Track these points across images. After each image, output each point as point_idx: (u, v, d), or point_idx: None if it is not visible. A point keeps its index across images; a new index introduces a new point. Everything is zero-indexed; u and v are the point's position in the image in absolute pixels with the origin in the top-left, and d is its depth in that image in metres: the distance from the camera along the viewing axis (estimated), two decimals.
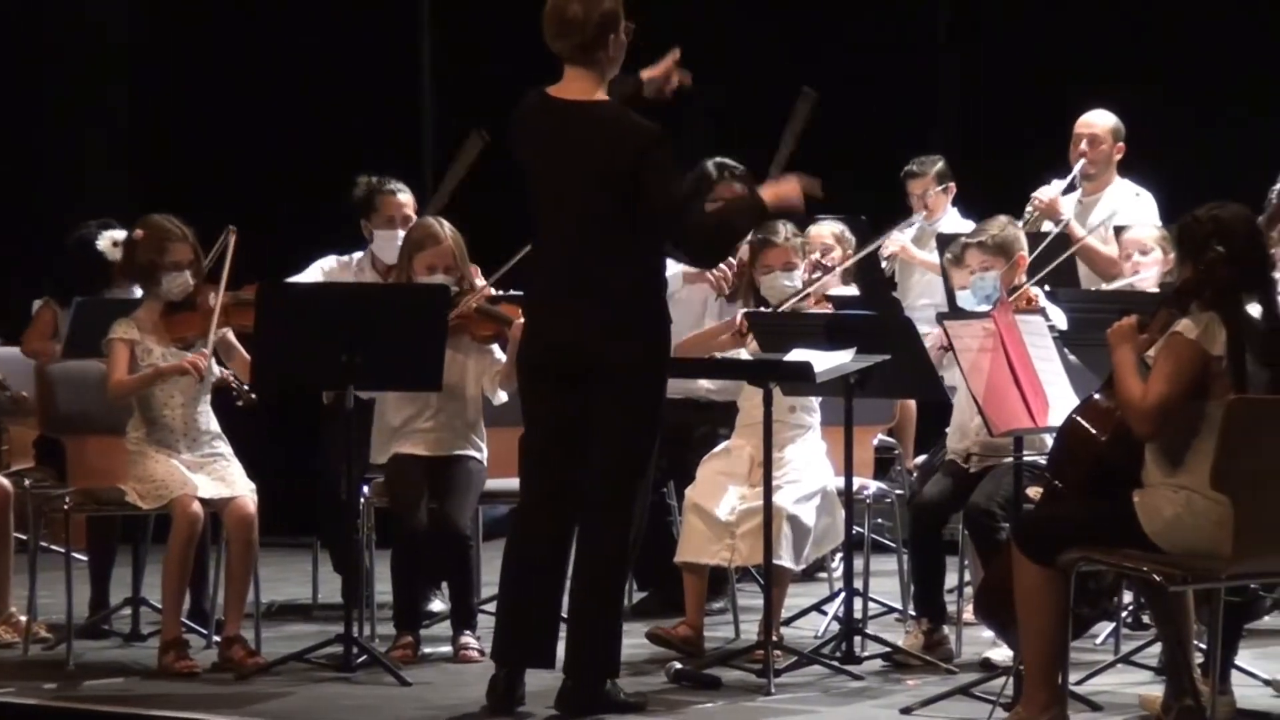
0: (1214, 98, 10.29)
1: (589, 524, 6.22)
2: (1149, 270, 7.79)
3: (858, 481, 7.19)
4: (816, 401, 7.31)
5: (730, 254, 7.10)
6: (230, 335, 7.15)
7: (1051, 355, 6.52)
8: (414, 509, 7.16)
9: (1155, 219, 8.69)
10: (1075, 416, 5.87)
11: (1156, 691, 6.05)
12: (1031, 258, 7.38)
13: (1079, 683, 6.28)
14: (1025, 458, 6.51)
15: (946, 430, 7.24)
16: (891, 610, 7.69)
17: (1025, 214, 8.50)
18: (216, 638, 7.16)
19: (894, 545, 8.04)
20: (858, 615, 7.09)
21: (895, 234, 9.38)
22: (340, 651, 6.88)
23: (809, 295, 7.48)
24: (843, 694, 6.57)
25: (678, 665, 6.75)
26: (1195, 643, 5.98)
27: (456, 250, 7.36)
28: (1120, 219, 8.57)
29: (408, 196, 8.13)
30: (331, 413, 7.75)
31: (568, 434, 6.24)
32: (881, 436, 8.02)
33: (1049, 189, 8.76)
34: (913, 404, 8.04)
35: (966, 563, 7.27)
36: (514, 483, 7.39)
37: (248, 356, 7.03)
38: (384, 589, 7.47)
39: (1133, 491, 5.69)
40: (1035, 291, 7.24)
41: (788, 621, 7.39)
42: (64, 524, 7.34)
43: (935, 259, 8.92)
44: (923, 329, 7.12)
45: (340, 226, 8.26)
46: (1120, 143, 8.89)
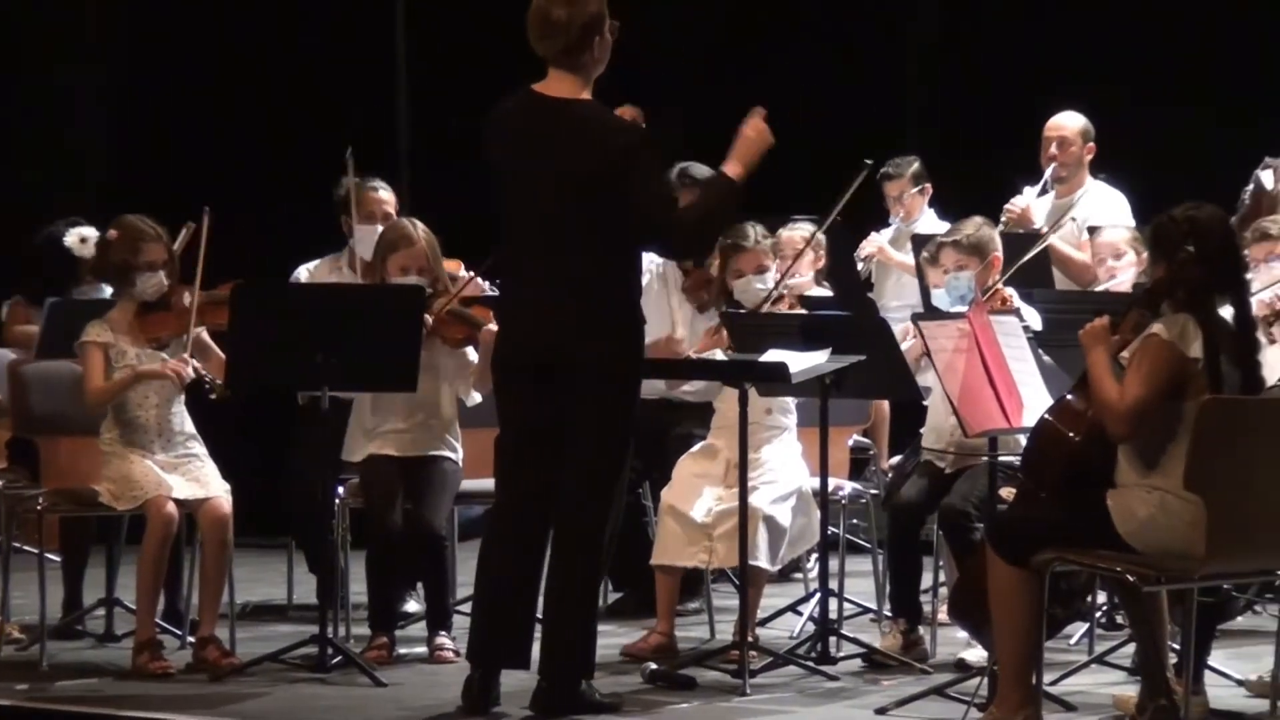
0: (1185, 98, 10.31)
1: (564, 524, 6.22)
2: (1125, 274, 7.81)
3: (833, 482, 7.19)
4: (792, 402, 7.31)
5: (714, 244, 7.08)
6: (205, 335, 7.14)
7: (1026, 356, 6.53)
8: (389, 510, 7.15)
9: (1128, 219, 8.72)
10: (1048, 417, 5.88)
11: (1130, 691, 6.07)
12: (1015, 268, 7.38)
13: (1053, 683, 6.29)
14: (1000, 458, 6.52)
15: (921, 431, 7.25)
16: (867, 611, 7.70)
17: (1000, 223, 8.50)
18: (191, 638, 7.14)
19: (869, 546, 8.05)
20: (833, 616, 7.09)
21: (874, 235, 9.40)
22: (315, 652, 6.87)
23: (783, 297, 7.48)
24: (818, 694, 6.57)
25: (653, 666, 6.76)
26: (1169, 643, 6.00)
27: (430, 252, 7.35)
28: (1094, 220, 8.59)
29: (388, 194, 8.14)
30: (306, 413, 7.74)
31: (543, 435, 6.24)
32: (856, 437, 8.03)
33: (1021, 198, 8.77)
34: (887, 405, 8.05)
35: (941, 563, 7.28)
36: (489, 483, 7.40)
37: (223, 356, 7.02)
38: (359, 589, 7.46)
39: (1106, 492, 5.71)
40: (1009, 292, 7.25)
41: (763, 622, 7.40)
42: (37, 525, 7.32)
43: (911, 260, 8.93)
44: (897, 329, 7.13)
45: (321, 226, 8.25)
46: (1090, 144, 8.91)
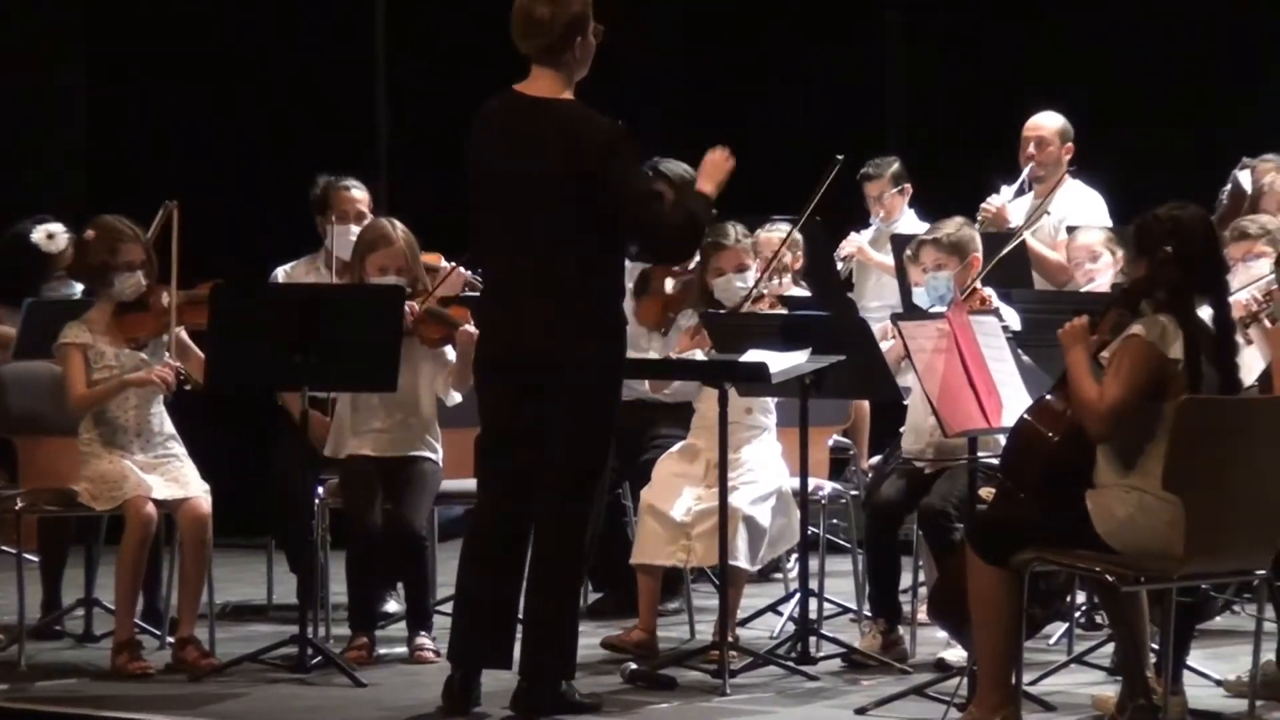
0: (1165, 99, 10.34)
1: (544, 525, 6.22)
2: (1103, 276, 7.82)
3: (813, 482, 7.20)
4: (772, 402, 7.32)
5: (697, 249, 7.09)
6: (184, 334, 7.13)
7: (1005, 356, 6.54)
8: (369, 510, 7.14)
9: (1105, 219, 8.73)
10: (1027, 417, 5.89)
11: (1109, 691, 6.08)
12: (990, 266, 7.39)
13: (1032, 683, 6.30)
14: (979, 458, 6.53)
15: (901, 431, 7.26)
16: (847, 611, 7.70)
17: (976, 222, 8.51)
18: (170, 638, 7.13)
19: (849, 546, 8.06)
20: (813, 616, 7.09)
21: (854, 235, 9.41)
22: (295, 652, 6.86)
23: (763, 296, 7.49)
24: (798, 694, 6.58)
25: (633, 666, 6.76)
26: (1148, 643, 6.01)
27: (409, 251, 7.34)
28: (1071, 220, 8.60)
29: (362, 193, 8.13)
30: (286, 413, 7.73)
31: (525, 435, 6.24)
32: (836, 437, 8.03)
33: (997, 197, 8.79)
34: (867, 405, 8.05)
35: (921, 563, 7.29)
36: (469, 484, 7.41)
37: (203, 355, 7.01)
38: (339, 590, 7.45)
39: (1085, 492, 5.72)
40: (988, 292, 7.26)
41: (743, 622, 7.40)
42: (15, 525, 7.30)
43: (891, 261, 8.94)
44: (877, 330, 7.14)
45: (297, 227, 8.25)
46: (1069, 144, 8.92)
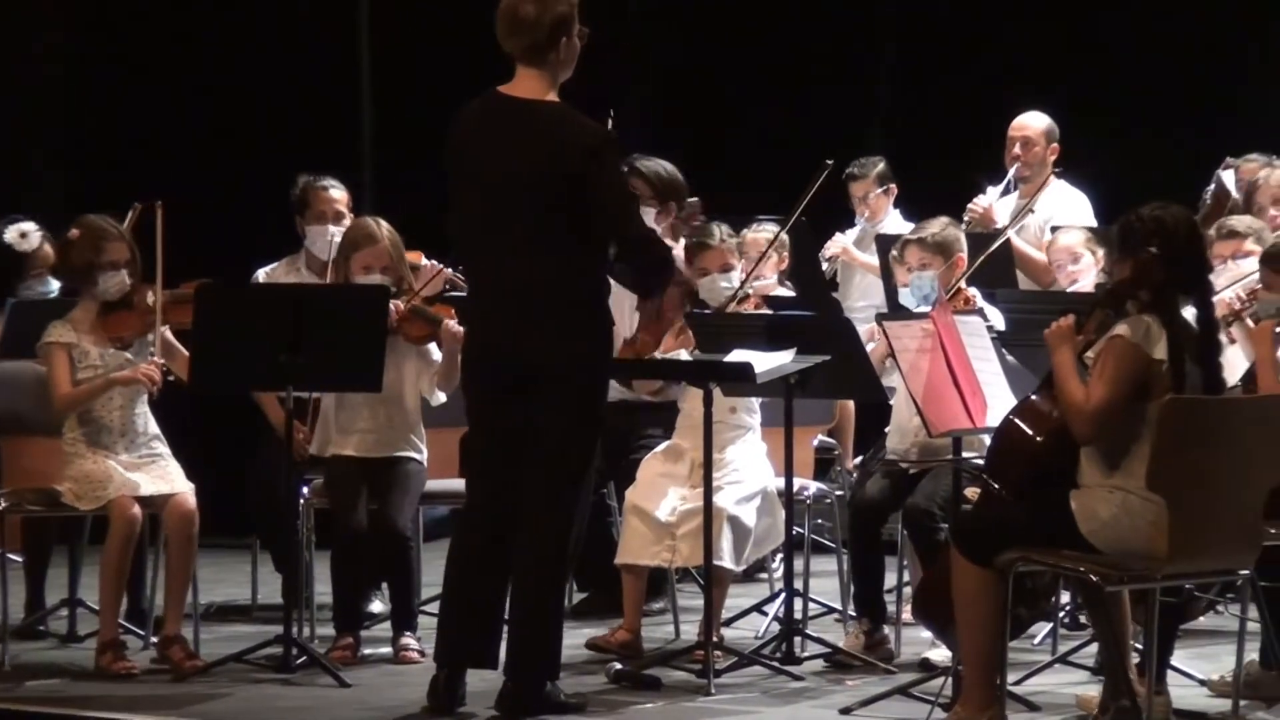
0: (1148, 98, 10.36)
1: (530, 526, 6.22)
2: (1086, 277, 7.83)
3: (798, 482, 7.20)
4: (757, 402, 7.32)
5: (652, 292, 7.11)
6: (169, 334, 7.12)
7: (990, 356, 6.54)
8: (354, 510, 7.14)
9: (1090, 219, 8.74)
10: (1012, 418, 5.89)
11: (1093, 691, 6.08)
12: (976, 265, 7.40)
13: (1017, 683, 6.31)
14: (963, 458, 6.53)
15: (886, 431, 7.26)
16: (831, 610, 7.71)
17: (961, 222, 8.52)
18: (154, 638, 7.12)
19: (834, 546, 8.06)
20: (798, 616, 7.10)
21: (839, 236, 9.42)
22: (280, 652, 6.86)
23: (748, 296, 7.49)
24: (783, 694, 6.58)
25: (618, 666, 6.76)
26: (1131, 643, 6.02)
27: (393, 250, 7.33)
28: (1057, 220, 8.61)
29: (340, 193, 8.09)
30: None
31: (511, 436, 6.24)
32: (821, 437, 8.04)
33: (984, 198, 8.80)
34: (852, 405, 8.06)
35: (906, 563, 7.29)
36: (454, 484, 7.41)
37: (187, 354, 7.00)
38: (324, 590, 7.45)
39: (1069, 492, 5.72)
40: (972, 292, 7.27)
41: (728, 622, 7.40)
42: None
43: (876, 261, 8.94)
44: (862, 330, 7.14)
45: (279, 227, 8.24)
46: (1054, 144, 8.94)
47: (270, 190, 8.44)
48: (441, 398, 7.30)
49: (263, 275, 8.13)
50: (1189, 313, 5.80)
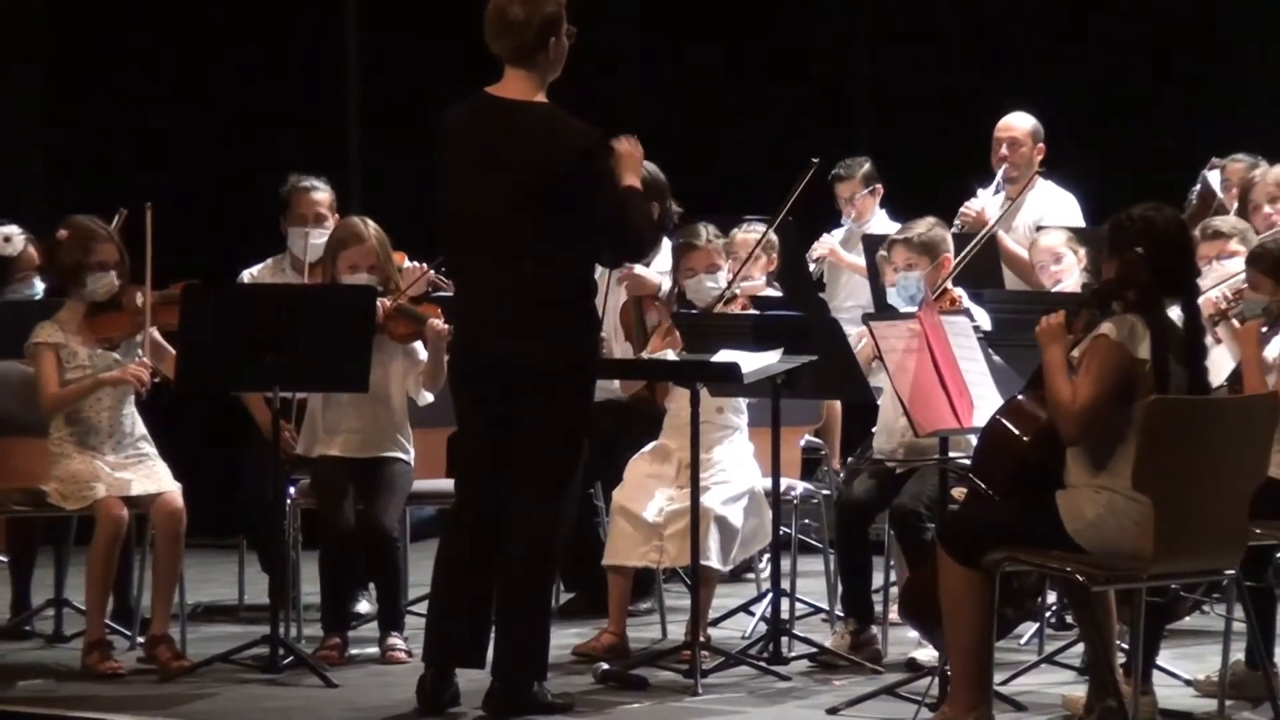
0: (1133, 98, 10.38)
1: (516, 526, 6.22)
2: (1068, 276, 7.84)
3: (785, 482, 7.21)
4: (744, 402, 7.32)
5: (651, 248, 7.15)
6: (157, 334, 7.11)
7: (976, 356, 6.55)
8: (340, 510, 7.14)
9: (1078, 220, 8.76)
10: (998, 417, 5.90)
11: (1080, 691, 6.09)
12: (960, 263, 7.40)
13: (1003, 683, 6.31)
14: (950, 458, 6.54)
15: (873, 431, 7.27)
16: (818, 611, 7.71)
17: (954, 225, 8.53)
18: (140, 638, 7.12)
19: (821, 546, 8.07)
20: (785, 616, 7.10)
21: (825, 236, 9.43)
22: (266, 652, 6.86)
23: (735, 297, 7.50)
24: (770, 694, 6.58)
25: (605, 666, 6.77)
26: (1117, 642, 6.03)
27: (380, 250, 7.33)
28: (1045, 221, 8.62)
29: (323, 194, 8.07)
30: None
31: (501, 436, 6.24)
32: (808, 437, 8.04)
33: (977, 200, 8.80)
34: (839, 405, 8.06)
35: (892, 563, 7.30)
36: (441, 484, 7.41)
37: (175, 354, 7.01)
38: (311, 590, 7.45)
39: (1056, 492, 5.73)
40: (959, 292, 7.28)
41: (715, 622, 7.40)
42: None
43: (863, 261, 8.95)
44: (849, 330, 7.15)
45: (266, 228, 8.24)
46: (1040, 144, 8.96)
47: (259, 191, 8.43)
48: (428, 397, 7.30)
49: (248, 276, 8.13)
50: (1176, 314, 5.81)
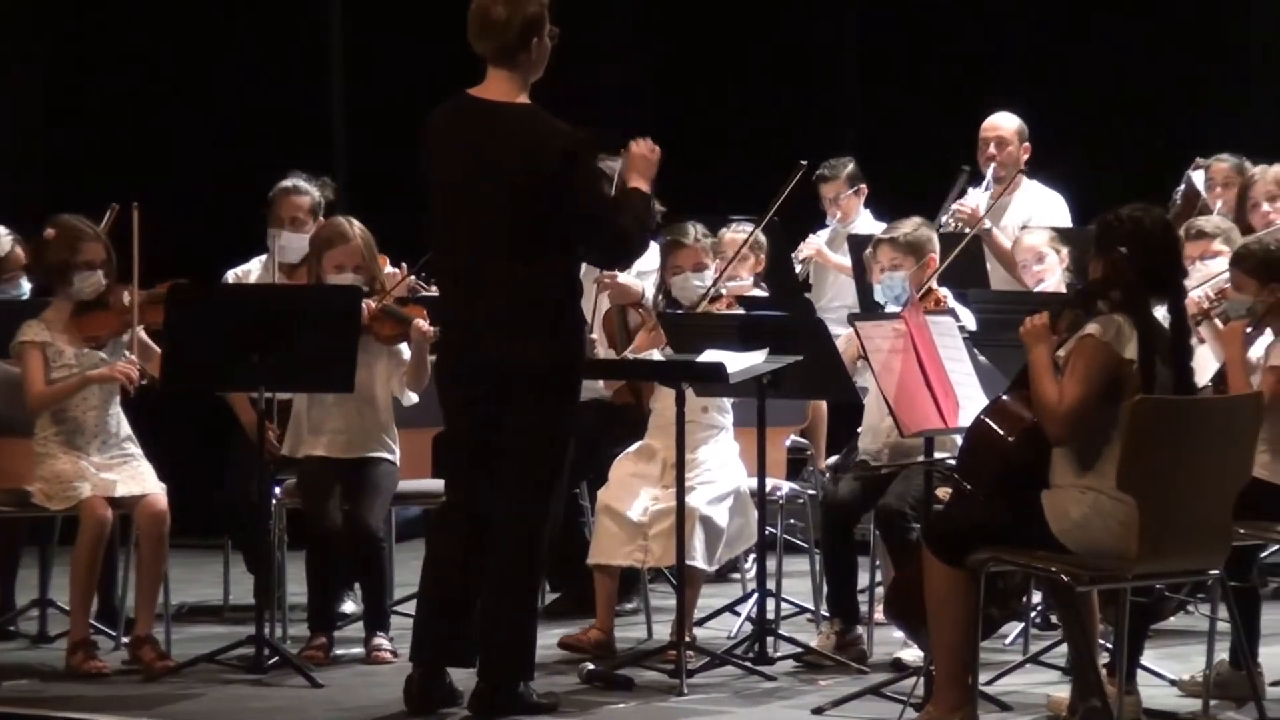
0: (1117, 98, 10.39)
1: (503, 526, 6.22)
2: (1051, 276, 7.86)
3: (770, 482, 7.21)
4: (729, 402, 7.33)
5: (641, 252, 7.14)
6: (143, 334, 7.11)
7: (962, 356, 6.56)
8: (326, 510, 7.13)
9: (1066, 219, 8.77)
10: (983, 418, 5.90)
11: (1064, 692, 6.10)
12: (945, 263, 7.41)
13: (989, 683, 6.32)
14: (935, 459, 6.54)
15: (859, 431, 7.27)
16: (804, 611, 7.72)
17: (942, 222, 8.53)
18: (125, 639, 7.11)
19: (806, 546, 8.07)
20: (770, 616, 7.11)
21: (811, 237, 9.43)
22: (252, 653, 6.85)
23: (721, 296, 7.50)
24: (755, 694, 6.59)
25: (590, 666, 6.77)
26: (1101, 642, 6.04)
27: (366, 250, 7.33)
28: (1035, 221, 8.63)
29: (304, 198, 8.01)
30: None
31: (486, 437, 6.24)
32: (794, 437, 8.05)
33: (970, 198, 8.81)
34: (824, 405, 8.07)
35: (878, 563, 7.30)
36: (427, 484, 7.42)
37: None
38: (296, 590, 7.44)
39: (1041, 492, 5.74)
40: (944, 292, 7.29)
41: (700, 622, 7.40)
42: None
43: (848, 262, 8.96)
44: (835, 330, 7.15)
45: (253, 228, 8.23)
46: (1026, 143, 8.97)
47: (247, 192, 8.41)
48: (413, 398, 7.29)
49: (232, 276, 8.12)
50: (1160, 314, 5.82)
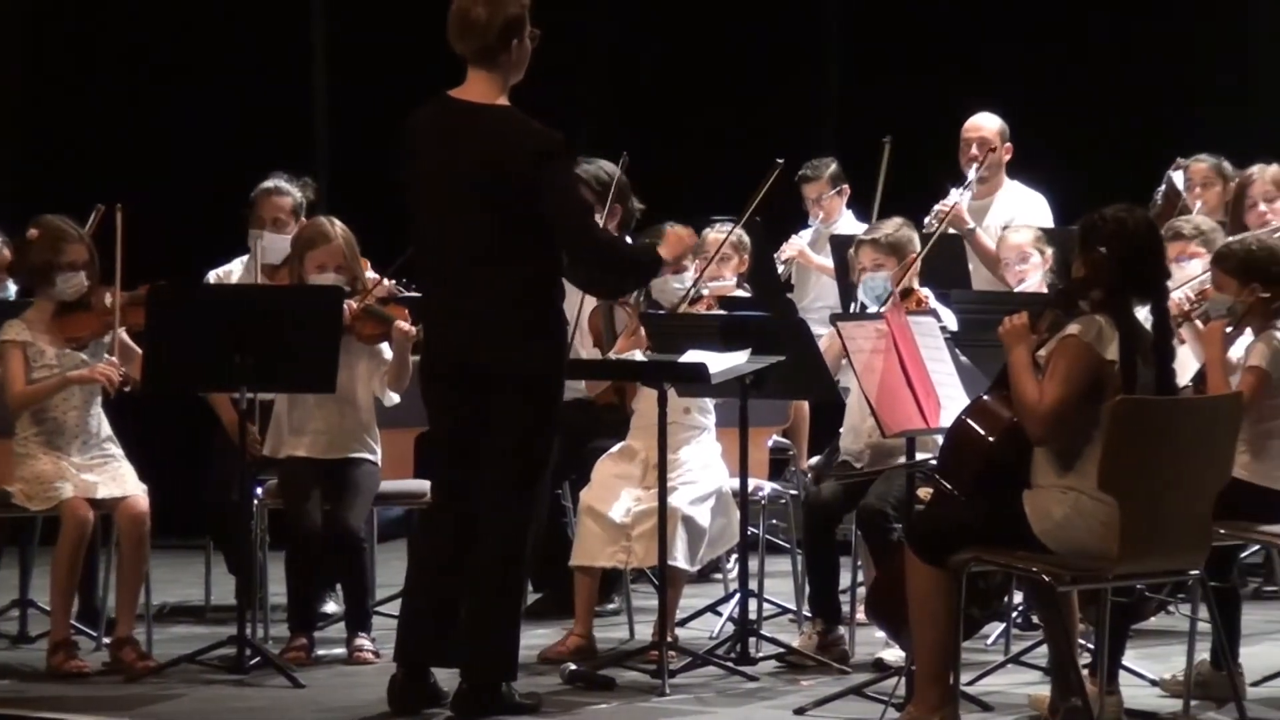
0: (1099, 98, 10.40)
1: (485, 527, 6.22)
2: (1034, 275, 7.88)
3: (753, 483, 7.21)
4: (711, 403, 7.33)
5: (623, 292, 7.14)
6: (125, 335, 7.10)
7: (943, 356, 6.57)
8: (307, 511, 7.13)
9: (1048, 220, 8.78)
10: (964, 418, 5.91)
11: (1046, 691, 6.10)
12: (920, 255, 7.41)
13: (970, 683, 6.33)
14: (916, 459, 6.55)
15: (840, 431, 7.28)
16: (786, 611, 7.72)
17: (925, 223, 8.53)
18: (106, 639, 7.10)
19: (788, 546, 8.08)
20: (752, 616, 7.11)
21: (794, 238, 9.45)
22: (233, 653, 6.85)
23: (702, 298, 7.51)
24: (737, 695, 6.59)
25: (572, 667, 6.77)
26: (1082, 642, 6.05)
27: (347, 250, 7.32)
28: (1018, 221, 8.64)
29: (285, 199, 8.00)
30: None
31: (470, 437, 6.24)
32: (776, 438, 8.05)
33: (951, 197, 8.81)
34: (806, 405, 8.08)
35: (860, 563, 7.31)
36: (409, 484, 7.41)
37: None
38: (278, 591, 7.43)
39: (1022, 492, 5.75)
40: (925, 292, 7.30)
41: (683, 622, 7.40)
42: None
43: (830, 263, 8.97)
44: (818, 331, 7.16)
45: (236, 228, 8.22)
46: (1008, 144, 8.99)
47: (229, 192, 8.40)
48: (394, 398, 7.29)
49: (214, 276, 8.10)
50: (1144, 316, 5.82)
